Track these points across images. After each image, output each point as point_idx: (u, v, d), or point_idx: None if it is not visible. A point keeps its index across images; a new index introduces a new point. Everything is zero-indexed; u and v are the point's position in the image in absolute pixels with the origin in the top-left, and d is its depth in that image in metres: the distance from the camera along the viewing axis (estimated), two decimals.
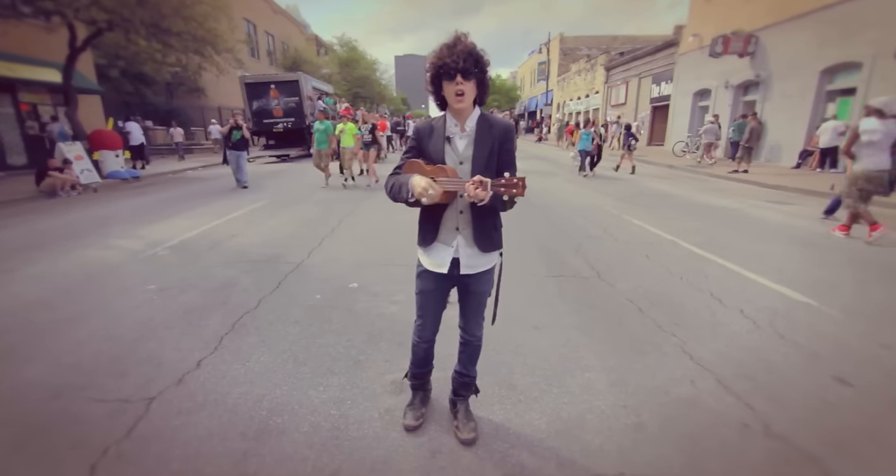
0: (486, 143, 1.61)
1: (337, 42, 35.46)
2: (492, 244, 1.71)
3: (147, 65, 14.41)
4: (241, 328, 2.92)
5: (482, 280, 1.77)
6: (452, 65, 1.47)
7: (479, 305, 1.83)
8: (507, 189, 1.39)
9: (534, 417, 2.00)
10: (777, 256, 4.47)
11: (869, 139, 4.75)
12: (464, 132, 1.63)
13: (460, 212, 1.67)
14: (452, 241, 1.69)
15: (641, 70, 22.02)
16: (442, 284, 1.78)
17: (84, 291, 3.64)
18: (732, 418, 1.97)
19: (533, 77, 43.74)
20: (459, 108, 1.57)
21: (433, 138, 1.65)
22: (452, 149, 1.63)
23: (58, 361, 2.52)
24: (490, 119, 1.66)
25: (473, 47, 1.50)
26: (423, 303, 1.84)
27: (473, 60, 1.49)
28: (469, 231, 1.67)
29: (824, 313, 3.10)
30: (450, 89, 1.52)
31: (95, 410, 2.06)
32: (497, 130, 1.63)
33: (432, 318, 1.86)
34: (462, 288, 1.80)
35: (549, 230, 5.61)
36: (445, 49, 1.50)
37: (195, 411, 2.06)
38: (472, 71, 1.49)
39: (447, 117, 1.65)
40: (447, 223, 1.69)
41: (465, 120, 1.62)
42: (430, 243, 1.72)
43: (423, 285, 1.81)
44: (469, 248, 1.68)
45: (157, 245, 4.99)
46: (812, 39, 11.58)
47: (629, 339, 2.75)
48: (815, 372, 2.34)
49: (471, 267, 1.71)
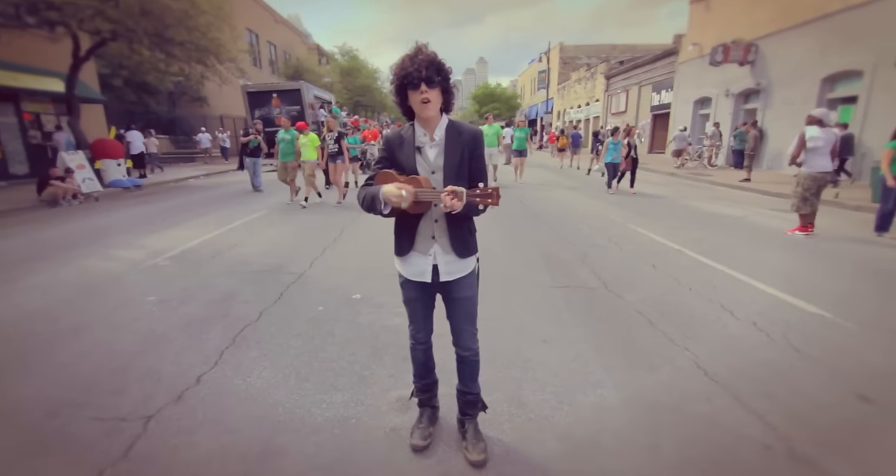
0: (456, 151, 1.63)
1: (338, 51, 35.76)
2: (468, 249, 1.72)
3: (150, 74, 14.50)
4: (241, 341, 2.86)
5: (463, 285, 1.75)
6: (416, 74, 1.50)
7: (467, 314, 1.79)
8: (482, 199, 1.41)
9: (545, 438, 1.92)
10: (785, 266, 4.40)
11: (813, 145, 5.30)
12: (433, 141, 1.64)
13: (435, 221, 1.68)
14: (429, 250, 1.69)
15: (641, 78, 22.13)
16: (425, 291, 1.78)
17: (84, 303, 3.58)
18: (754, 439, 1.89)
19: (533, 85, 44.02)
20: (427, 116, 1.58)
21: (403, 149, 1.65)
22: (423, 158, 1.65)
23: (55, 377, 2.45)
24: (458, 126, 1.67)
25: (435, 56, 1.54)
26: (412, 310, 1.85)
27: (435, 69, 1.52)
28: (445, 239, 1.68)
29: (839, 325, 3.02)
30: (415, 98, 1.54)
31: (92, 430, 1.99)
32: (465, 137, 1.65)
33: (423, 321, 1.86)
34: (445, 295, 1.79)
35: (552, 239, 5.55)
36: (407, 59, 1.53)
37: (195, 430, 1.99)
38: (434, 79, 1.52)
39: (416, 127, 1.66)
40: (423, 232, 1.69)
41: (433, 129, 1.64)
42: (406, 253, 1.72)
43: (407, 294, 1.81)
44: (446, 256, 1.69)
45: (157, 255, 4.94)
46: (813, 48, 11.62)
47: (640, 353, 2.68)
48: (836, 389, 2.26)
49: (449, 273, 1.71)
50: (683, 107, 18.11)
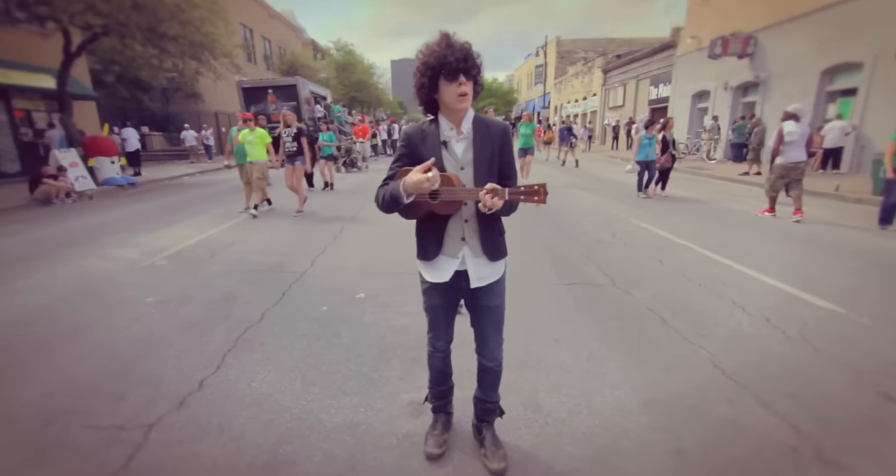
0: (486, 145, 1.52)
1: (334, 46, 35.40)
2: (499, 252, 1.62)
3: (143, 70, 14.25)
4: (244, 344, 2.77)
5: (494, 292, 1.64)
6: (455, 65, 1.39)
7: (495, 323, 1.69)
8: (527, 197, 1.34)
9: (564, 443, 1.85)
10: (791, 260, 4.35)
11: (790, 139, 5.94)
12: (461, 135, 1.52)
13: (465, 221, 1.56)
14: (458, 253, 1.58)
15: (639, 72, 22.03)
16: (450, 297, 1.68)
17: (81, 304, 3.48)
18: (780, 442, 1.82)
19: (530, 80, 43.83)
20: (461, 108, 1.48)
21: (427, 144, 1.53)
22: (450, 154, 1.53)
23: (52, 382, 2.36)
24: (485, 120, 1.57)
25: (470, 46, 1.44)
26: (433, 317, 1.73)
27: (474, 61, 1.43)
28: (476, 240, 1.57)
29: (854, 321, 2.97)
30: (451, 90, 1.43)
31: (90, 439, 1.90)
32: (495, 131, 1.55)
33: (445, 329, 1.76)
34: (473, 303, 1.68)
35: (556, 235, 5.48)
36: (444, 47, 1.40)
37: (198, 439, 1.91)
38: (472, 71, 1.43)
39: (441, 120, 1.53)
40: (452, 233, 1.58)
41: (461, 122, 1.52)
42: (434, 256, 1.60)
43: (430, 301, 1.70)
44: (477, 259, 1.58)
45: (154, 254, 4.83)
46: (812, 40, 11.55)
47: (655, 351, 2.61)
48: (859, 388, 2.20)
49: (481, 278, 1.59)
50: (681, 100, 18.03)
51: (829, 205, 7.53)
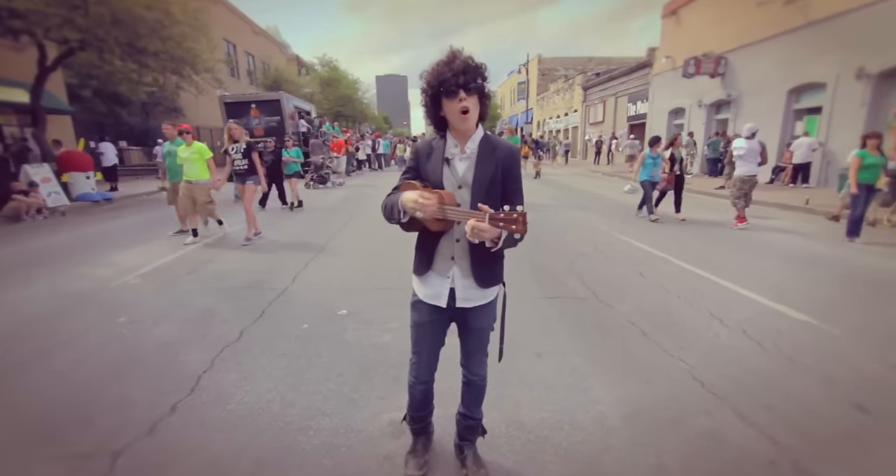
0: (489, 166, 1.48)
1: (318, 62, 35.61)
2: (492, 278, 1.56)
3: (122, 84, 14.06)
4: (220, 364, 2.69)
5: (482, 315, 1.61)
6: (453, 80, 1.36)
7: (480, 342, 1.66)
8: (505, 224, 1.23)
9: (547, 460, 1.84)
10: (767, 272, 4.47)
11: (738, 154, 6.80)
12: (464, 154, 1.50)
13: (457, 240, 1.53)
14: (448, 272, 1.55)
15: (618, 90, 22.73)
16: (438, 317, 1.62)
17: (49, 325, 3.34)
18: (757, 454, 1.85)
19: (513, 96, 44.74)
20: (465, 127, 1.44)
21: (432, 159, 1.53)
22: (451, 171, 1.51)
23: (10, 408, 2.24)
24: (494, 141, 1.53)
25: (471, 60, 1.40)
26: (417, 337, 1.67)
27: (473, 74, 1.38)
28: (466, 261, 1.53)
29: (826, 332, 3.05)
30: (452, 107, 1.40)
31: (52, 470, 1.80)
32: (501, 153, 1.50)
33: (428, 356, 1.69)
34: (460, 323, 1.64)
35: (538, 248, 5.53)
36: (443, 65, 1.39)
37: (169, 466, 1.83)
38: (471, 85, 1.38)
39: (448, 138, 1.52)
40: (442, 251, 1.55)
41: (466, 141, 1.50)
42: (424, 272, 1.58)
43: (417, 317, 1.65)
44: (465, 280, 1.54)
45: (128, 272, 4.68)
46: (779, 60, 12.13)
47: (636, 365, 2.63)
48: (833, 399, 2.26)
49: (467, 300, 1.56)
50: (658, 117, 18.63)
51: (799, 218, 7.82)
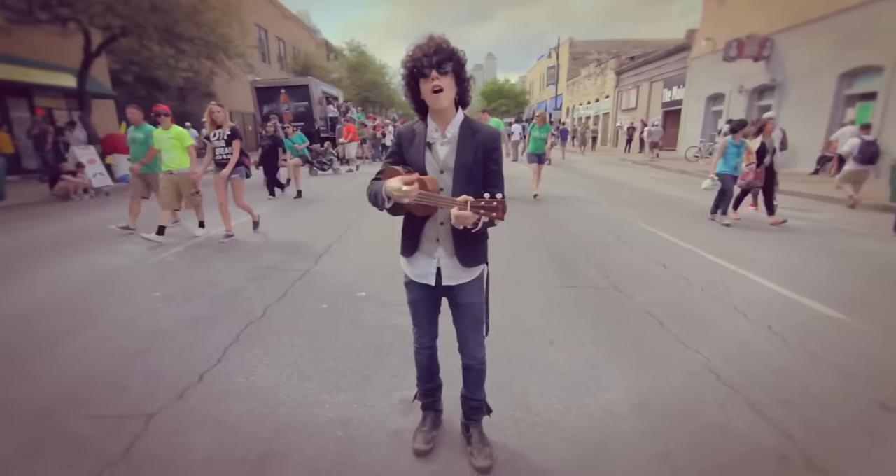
0: (469, 150, 1.51)
1: (346, 47, 35.71)
2: (474, 258, 1.61)
3: (160, 70, 14.60)
4: (245, 339, 2.83)
5: (468, 291, 1.66)
6: (425, 60, 1.40)
7: (472, 320, 1.71)
8: (486, 211, 1.29)
9: (552, 443, 1.87)
10: (800, 266, 4.28)
11: None
12: (445, 138, 1.53)
13: (441, 223, 1.59)
14: (434, 253, 1.61)
15: (653, 74, 21.80)
16: (429, 294, 1.70)
17: (90, 298, 3.59)
18: (769, 448, 1.82)
19: (542, 81, 43.65)
20: (439, 107, 1.46)
21: (414, 144, 1.56)
22: (433, 156, 1.54)
23: (57, 373, 2.44)
24: (474, 125, 1.56)
25: (444, 41, 1.43)
26: (415, 311, 1.78)
27: (446, 54, 1.41)
28: (450, 243, 1.59)
29: (857, 329, 2.92)
30: (426, 87, 1.42)
31: (91, 429, 1.97)
32: (482, 137, 1.53)
33: (428, 325, 1.79)
34: (450, 300, 1.71)
35: (560, 237, 5.47)
36: (417, 48, 1.43)
37: (195, 430, 1.97)
38: (445, 64, 1.40)
39: (429, 122, 1.55)
40: (428, 234, 1.61)
41: (446, 124, 1.52)
42: (411, 254, 1.65)
43: (411, 296, 1.74)
44: (449, 260, 1.60)
45: (164, 250, 4.95)
46: (830, 43, 11.32)
47: (651, 356, 2.61)
48: (855, 396, 2.18)
49: (451, 277, 1.62)
50: (695, 103, 17.80)
51: (845, 211, 7.39)
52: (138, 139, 5.62)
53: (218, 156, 5.30)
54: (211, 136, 5.30)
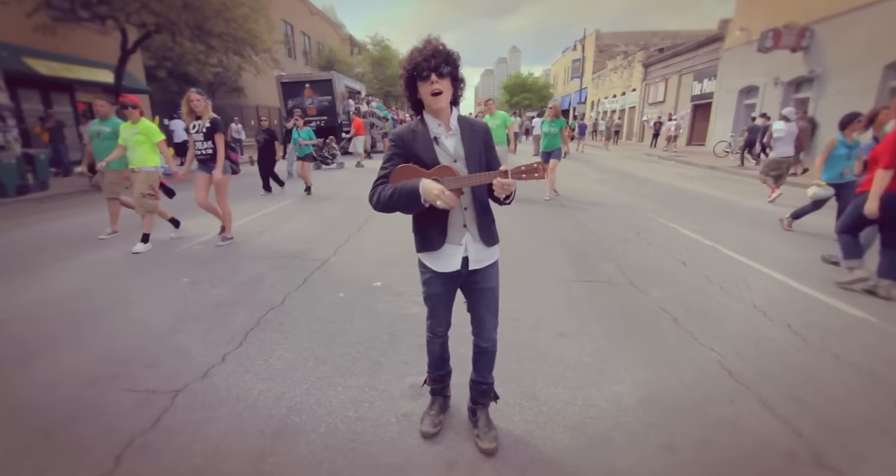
0: (475, 141, 1.64)
1: (370, 41, 35.92)
2: (493, 237, 1.73)
3: (191, 65, 15.08)
4: (266, 324, 2.96)
5: (489, 275, 1.74)
6: (424, 64, 1.49)
7: (491, 304, 1.77)
8: (528, 175, 1.45)
9: (556, 431, 1.90)
10: (825, 265, 4.12)
11: (777, 136, 6.82)
12: (449, 131, 1.62)
13: (465, 208, 1.66)
14: (461, 240, 1.67)
15: (682, 67, 21.11)
16: (450, 286, 1.77)
17: (124, 282, 3.81)
18: (778, 445, 1.80)
19: (567, 75, 42.84)
20: (438, 107, 1.56)
21: (418, 142, 1.60)
22: (442, 149, 1.61)
23: (92, 351, 2.63)
24: (468, 119, 1.69)
25: (442, 45, 1.52)
26: (433, 306, 1.82)
27: (443, 58, 1.50)
28: (475, 227, 1.68)
29: (885, 331, 2.82)
30: (425, 89, 1.52)
31: (125, 400, 2.13)
32: (478, 128, 1.67)
33: (444, 315, 1.84)
34: (470, 287, 1.76)
35: (578, 232, 5.43)
36: (416, 51, 1.52)
37: (217, 406, 2.09)
38: (443, 68, 1.50)
39: (427, 118, 1.62)
40: (454, 222, 1.66)
41: (447, 119, 1.61)
42: (439, 246, 1.67)
43: (431, 290, 1.78)
44: (476, 244, 1.68)
45: (193, 239, 5.17)
46: (876, 32, 10.70)
47: (662, 351, 2.59)
48: (875, 397, 2.12)
49: (479, 261, 1.70)
50: (727, 96, 17.17)
51: None
52: (104, 134, 5.04)
53: (197, 151, 4.74)
54: (190, 129, 4.72)
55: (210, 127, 4.66)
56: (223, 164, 4.82)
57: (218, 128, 4.69)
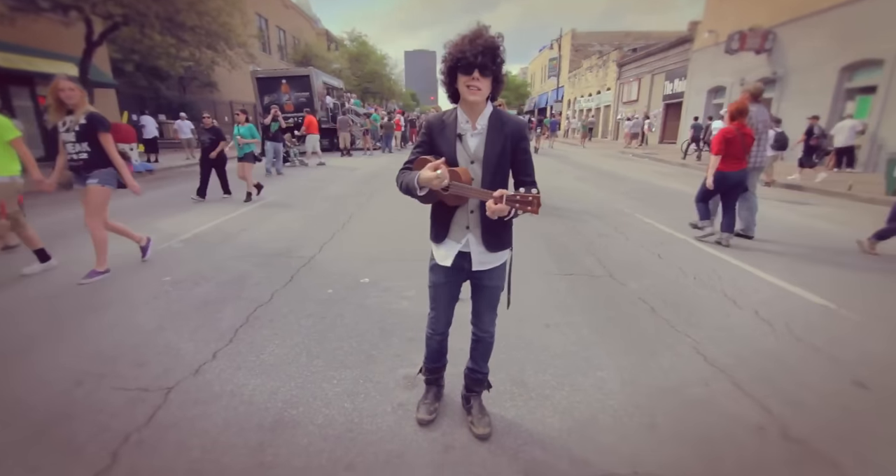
0: (498, 142, 1.58)
1: (347, 37, 35.44)
2: (501, 244, 1.71)
3: (161, 59, 14.56)
4: (254, 321, 2.96)
5: (494, 275, 1.77)
6: (471, 59, 1.44)
7: (491, 300, 1.83)
8: (521, 205, 1.37)
9: (546, 415, 2.00)
10: (792, 257, 4.40)
11: None
12: (475, 130, 1.59)
13: (471, 211, 1.67)
14: (462, 239, 1.70)
15: (654, 67, 21.73)
16: (453, 278, 1.79)
17: (102, 282, 3.71)
18: (748, 420, 1.95)
19: (544, 73, 43.40)
20: (473, 100, 1.52)
21: (444, 135, 1.62)
22: (464, 147, 1.60)
23: (80, 350, 2.57)
24: (503, 116, 1.62)
25: (493, 42, 1.46)
26: (435, 295, 1.86)
27: (491, 56, 1.46)
28: (479, 230, 1.68)
29: (842, 316, 3.05)
30: (463, 82, 1.49)
31: (116, 398, 2.11)
32: (510, 128, 1.59)
33: (445, 311, 1.88)
34: (474, 283, 1.81)
35: (559, 228, 5.58)
36: (466, 42, 1.46)
37: (212, 402, 2.10)
38: (489, 67, 1.46)
39: (458, 112, 1.61)
40: (458, 221, 1.70)
41: (477, 116, 1.59)
42: (441, 240, 1.74)
43: (435, 279, 1.82)
44: (478, 247, 1.69)
45: (171, 238, 5.06)
46: (832, 36, 11.32)
47: (642, 338, 2.74)
48: (834, 376, 2.31)
49: (482, 263, 1.72)
50: (697, 96, 17.80)
51: (839, 204, 7.49)
52: None
53: (69, 155, 3.63)
54: (59, 126, 3.60)
55: (86, 125, 3.56)
56: (125, 171, 3.87)
57: (98, 126, 3.61)
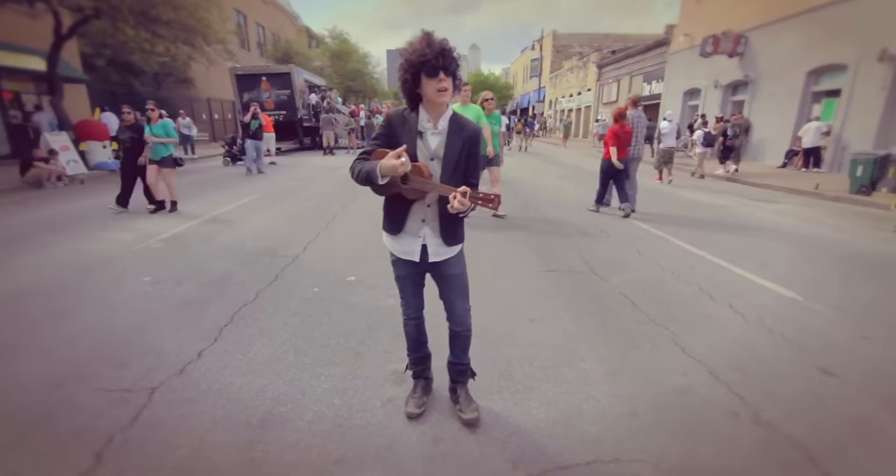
0: (457, 143, 1.66)
1: (329, 35, 35.04)
2: (455, 238, 1.79)
3: (135, 54, 14.08)
4: (239, 320, 2.93)
5: (452, 263, 1.83)
6: (435, 62, 1.50)
7: (459, 289, 1.87)
8: (483, 203, 1.49)
9: (532, 407, 2.05)
10: (764, 253, 4.59)
11: (664, 132, 10.11)
12: (436, 129, 1.66)
13: (428, 205, 1.73)
14: (419, 232, 1.75)
15: (633, 68, 22.20)
16: (414, 270, 1.85)
17: (78, 283, 3.61)
18: (723, 407, 2.05)
19: (526, 74, 43.79)
20: (441, 102, 1.59)
21: (405, 131, 1.66)
22: (424, 145, 1.66)
23: (54, 353, 2.51)
24: (461, 120, 1.69)
25: (446, 43, 1.55)
26: (401, 286, 1.92)
27: (452, 57, 1.54)
28: (436, 224, 1.74)
29: (809, 308, 3.21)
30: (432, 85, 1.55)
31: (98, 400, 2.07)
32: (467, 133, 1.68)
33: (413, 297, 1.94)
34: (435, 273, 1.86)
35: (542, 226, 5.67)
36: (425, 46, 1.52)
37: (199, 400, 2.08)
38: (451, 68, 1.54)
39: (421, 111, 1.67)
40: (414, 215, 1.74)
41: (439, 117, 1.65)
42: (397, 232, 1.78)
43: (398, 272, 1.89)
44: (435, 239, 1.76)
45: (149, 237, 4.94)
46: (799, 41, 11.79)
47: (623, 331, 2.83)
48: (802, 364, 2.43)
49: (437, 254, 1.78)
50: (673, 97, 18.26)
51: (806, 202, 7.83)
52: None
53: None
54: None
55: None
56: None
57: None
